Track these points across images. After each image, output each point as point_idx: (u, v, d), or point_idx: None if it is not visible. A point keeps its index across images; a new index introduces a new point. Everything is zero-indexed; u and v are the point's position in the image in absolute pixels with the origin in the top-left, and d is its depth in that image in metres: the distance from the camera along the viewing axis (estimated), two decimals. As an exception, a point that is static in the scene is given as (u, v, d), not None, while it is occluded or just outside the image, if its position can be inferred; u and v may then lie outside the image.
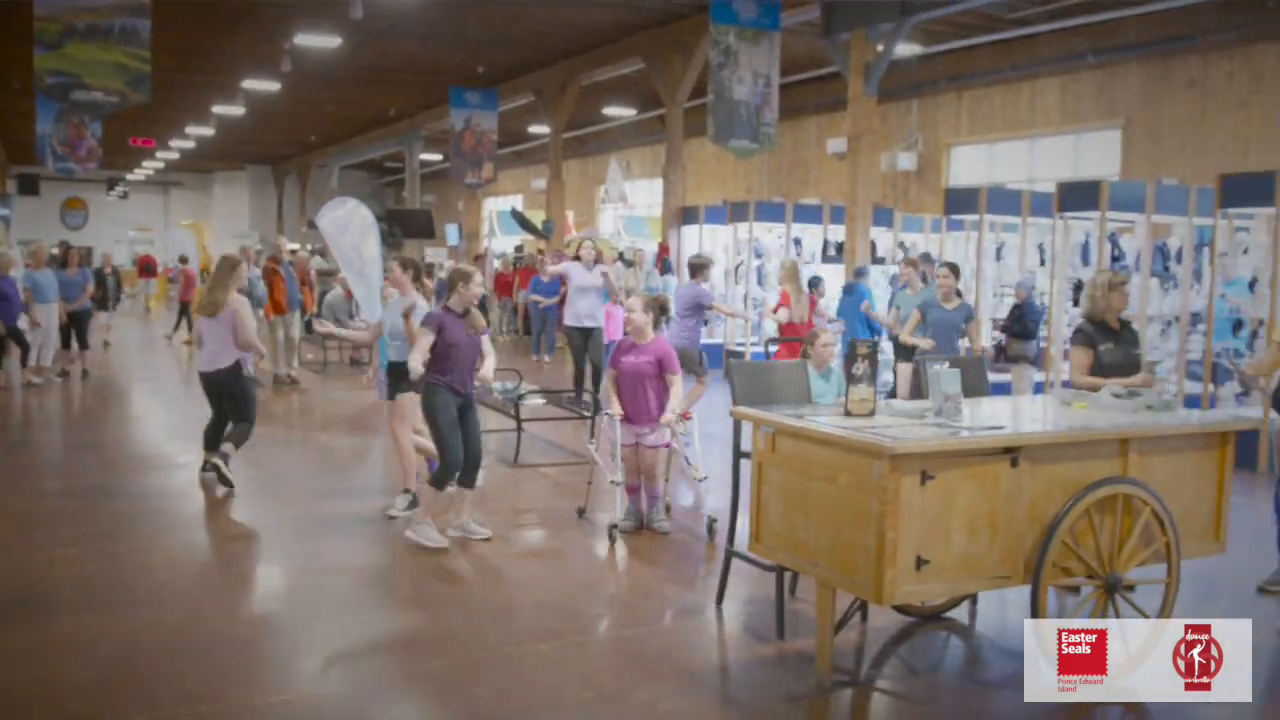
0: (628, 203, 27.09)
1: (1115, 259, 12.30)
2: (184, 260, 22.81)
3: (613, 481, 7.20)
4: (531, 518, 7.94)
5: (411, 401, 7.55)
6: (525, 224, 24.46)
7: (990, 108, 19.30)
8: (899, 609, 5.65)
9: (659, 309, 7.35)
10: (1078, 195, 11.95)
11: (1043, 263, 13.49)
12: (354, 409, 13.26)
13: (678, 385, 7.14)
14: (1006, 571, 4.73)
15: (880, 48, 14.01)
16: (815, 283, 14.92)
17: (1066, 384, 7.86)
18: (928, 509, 4.48)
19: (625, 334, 7.40)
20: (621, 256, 21.42)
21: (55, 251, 18.16)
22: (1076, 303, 11.86)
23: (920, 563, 4.48)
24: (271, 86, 22.68)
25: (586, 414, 10.03)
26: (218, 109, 26.08)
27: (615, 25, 18.67)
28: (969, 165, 20.13)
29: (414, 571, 6.56)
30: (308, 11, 17.43)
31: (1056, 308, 12.08)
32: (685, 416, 7.51)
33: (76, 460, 10.21)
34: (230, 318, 8.35)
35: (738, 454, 5.84)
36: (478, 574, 6.54)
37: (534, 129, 28.59)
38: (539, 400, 10.43)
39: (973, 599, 5.90)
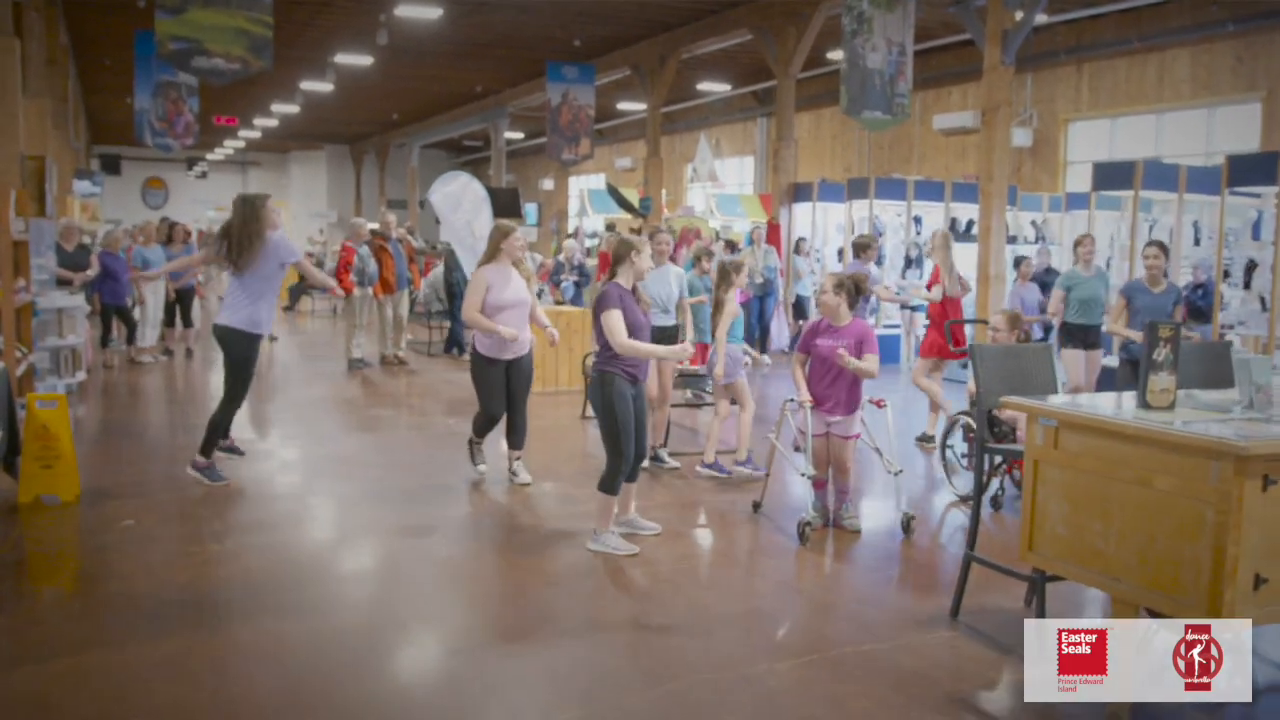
0: (717, 181, 26.45)
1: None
2: None
3: (804, 475, 6.62)
4: (701, 514, 7.38)
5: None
6: (622, 202, 23.98)
7: (1114, 80, 18.36)
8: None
9: (853, 288, 6.73)
10: (1250, 169, 11.13)
11: (1197, 242, 12.67)
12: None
13: (873, 361, 6.56)
14: (1347, 592, 4.10)
15: (1019, 15, 13.22)
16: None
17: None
18: (1267, 519, 3.86)
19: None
20: (719, 236, 20.79)
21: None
22: (1248, 285, 11.07)
23: (1259, 581, 3.85)
24: (364, 61, 22.26)
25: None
26: (305, 85, 25.72)
27: (720, -4, 18.03)
28: (1089, 141, 19.20)
29: (599, 577, 6.01)
30: (411, -19, 16.99)
31: (1226, 289, 11.30)
32: (878, 404, 6.89)
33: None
34: None
35: (982, 448, 5.23)
36: (671, 579, 5.96)
37: (621, 105, 27.99)
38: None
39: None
